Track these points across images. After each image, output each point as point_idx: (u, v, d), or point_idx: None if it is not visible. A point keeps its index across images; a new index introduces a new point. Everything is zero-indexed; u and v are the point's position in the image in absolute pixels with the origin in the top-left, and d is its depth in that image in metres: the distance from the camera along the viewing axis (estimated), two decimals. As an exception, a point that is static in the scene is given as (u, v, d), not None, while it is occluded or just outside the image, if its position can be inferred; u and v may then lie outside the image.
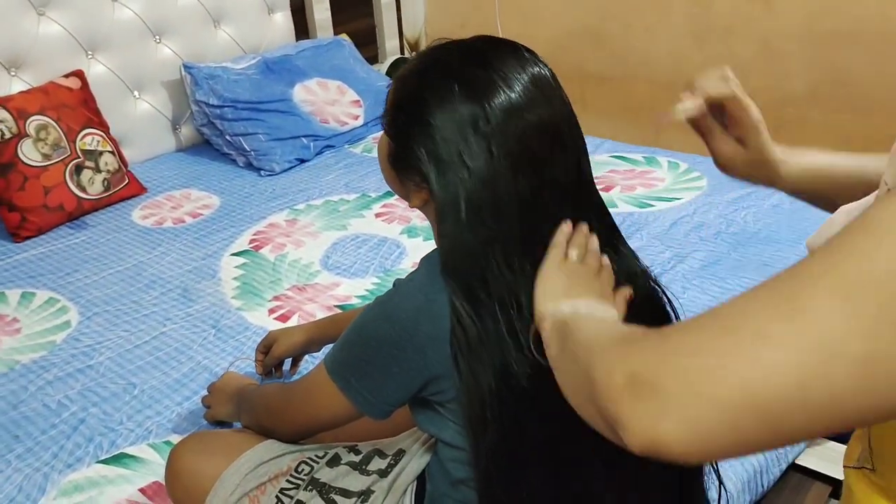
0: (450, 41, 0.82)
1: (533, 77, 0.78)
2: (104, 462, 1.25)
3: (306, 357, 1.31)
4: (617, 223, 0.87)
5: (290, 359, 1.28)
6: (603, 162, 2.31)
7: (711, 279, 1.68)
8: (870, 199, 0.63)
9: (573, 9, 2.97)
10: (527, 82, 0.77)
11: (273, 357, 1.25)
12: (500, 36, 0.83)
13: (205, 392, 1.32)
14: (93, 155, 2.13)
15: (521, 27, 2.96)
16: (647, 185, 2.16)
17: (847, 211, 0.67)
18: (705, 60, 2.70)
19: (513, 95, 0.76)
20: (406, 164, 0.82)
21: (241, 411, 1.12)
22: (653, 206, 2.04)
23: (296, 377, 1.36)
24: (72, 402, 1.40)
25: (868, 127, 2.38)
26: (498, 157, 0.75)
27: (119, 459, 1.26)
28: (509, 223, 0.77)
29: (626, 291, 0.78)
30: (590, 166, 0.84)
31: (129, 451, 1.27)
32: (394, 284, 0.85)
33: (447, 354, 0.79)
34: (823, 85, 2.50)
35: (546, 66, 0.81)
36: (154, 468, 1.23)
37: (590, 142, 0.88)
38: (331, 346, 1.25)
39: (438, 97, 0.77)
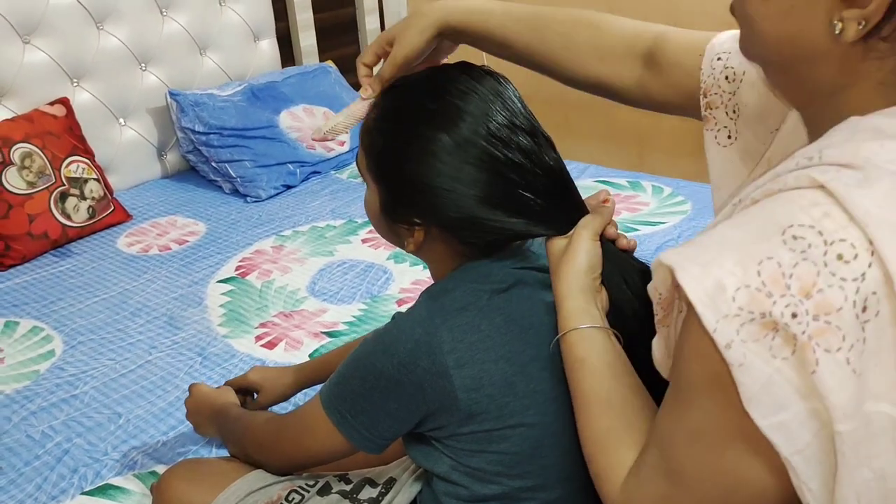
0: (398, 82, 0.86)
1: (487, 85, 0.82)
2: (89, 493, 1.24)
3: None
4: None
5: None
6: (587, 186, 2.33)
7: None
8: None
9: (556, 36, 3.00)
10: (484, 91, 0.81)
11: (257, 406, 1.22)
12: (485, 65, 0.85)
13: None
14: (78, 182, 2.13)
15: (505, 54, 2.99)
16: (632, 210, 2.18)
17: None
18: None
19: (476, 109, 0.79)
20: (399, 212, 0.84)
21: (222, 435, 1.08)
22: (637, 230, 2.06)
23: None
24: (56, 432, 1.38)
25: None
26: (485, 165, 0.78)
27: (104, 491, 1.24)
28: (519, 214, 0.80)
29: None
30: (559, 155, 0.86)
31: (115, 481, 1.26)
32: (392, 318, 0.84)
33: (445, 390, 0.78)
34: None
35: (498, 75, 0.84)
36: (139, 499, 1.21)
37: (574, 166, 0.90)
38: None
39: (411, 142, 0.80)
